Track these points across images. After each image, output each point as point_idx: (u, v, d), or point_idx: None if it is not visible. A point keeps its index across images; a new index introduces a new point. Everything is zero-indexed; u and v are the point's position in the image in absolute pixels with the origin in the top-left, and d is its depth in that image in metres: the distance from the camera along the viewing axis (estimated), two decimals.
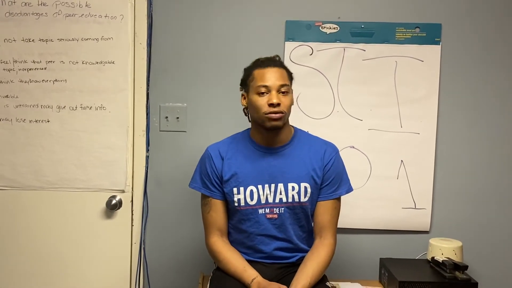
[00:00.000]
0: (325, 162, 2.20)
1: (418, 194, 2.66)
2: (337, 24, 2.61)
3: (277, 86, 2.08)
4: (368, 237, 2.70)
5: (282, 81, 2.10)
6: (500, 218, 2.69)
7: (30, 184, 2.61)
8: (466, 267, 2.37)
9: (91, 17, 2.53)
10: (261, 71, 2.12)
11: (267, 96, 2.09)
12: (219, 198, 2.21)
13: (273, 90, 2.08)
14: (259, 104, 2.09)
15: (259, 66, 2.14)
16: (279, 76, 2.10)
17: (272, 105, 2.06)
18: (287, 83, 2.12)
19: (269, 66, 2.12)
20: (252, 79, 2.14)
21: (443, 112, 2.64)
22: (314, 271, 2.10)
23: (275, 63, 2.15)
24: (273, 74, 2.10)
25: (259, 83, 2.10)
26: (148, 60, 2.61)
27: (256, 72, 2.13)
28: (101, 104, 2.57)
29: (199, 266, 2.63)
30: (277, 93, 2.08)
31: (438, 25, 2.61)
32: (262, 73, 2.11)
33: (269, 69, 2.11)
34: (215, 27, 2.63)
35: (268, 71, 2.11)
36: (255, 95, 2.11)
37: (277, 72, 2.11)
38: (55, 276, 2.65)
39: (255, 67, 2.15)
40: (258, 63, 2.17)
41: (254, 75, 2.13)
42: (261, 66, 2.13)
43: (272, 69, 2.11)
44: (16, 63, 2.56)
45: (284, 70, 2.15)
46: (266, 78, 2.09)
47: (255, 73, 2.13)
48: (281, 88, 2.09)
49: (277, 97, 2.07)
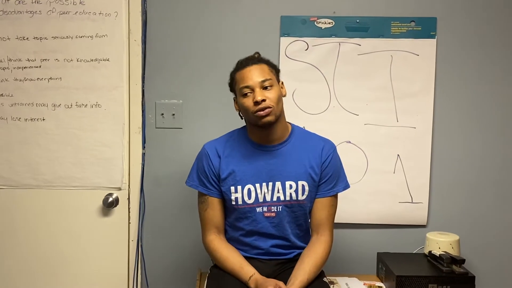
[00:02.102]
0: (323, 159, 2.20)
1: (414, 188, 2.66)
2: (332, 19, 2.60)
3: (258, 83, 2.08)
4: (365, 232, 2.70)
5: (262, 77, 2.09)
6: (496, 211, 2.70)
7: (26, 182, 2.61)
8: (463, 260, 2.38)
9: (85, 15, 2.52)
10: (241, 73, 2.12)
11: (251, 95, 2.09)
12: (216, 196, 2.21)
13: (256, 88, 2.08)
14: (246, 106, 2.09)
15: (239, 68, 2.15)
16: (258, 72, 2.10)
17: (257, 103, 2.06)
18: (268, 77, 2.11)
19: (247, 66, 2.12)
20: (235, 83, 2.15)
21: (439, 106, 2.64)
22: (311, 268, 2.10)
23: (253, 60, 2.15)
24: (252, 72, 2.10)
25: (241, 85, 2.10)
26: (143, 57, 2.61)
27: (237, 75, 2.14)
28: (96, 102, 2.56)
29: (196, 263, 2.63)
30: (261, 90, 2.08)
31: (434, 18, 2.60)
32: (242, 74, 2.12)
33: (248, 68, 2.11)
34: (210, 23, 2.62)
35: (247, 70, 2.11)
36: (241, 98, 2.11)
37: (256, 69, 2.11)
38: (53, 274, 2.65)
39: (236, 70, 2.16)
40: (238, 65, 2.18)
41: (236, 78, 2.15)
42: (241, 67, 2.14)
43: (251, 67, 2.11)
44: (10, 61, 2.55)
45: (264, 65, 2.15)
46: (247, 78, 2.09)
47: (237, 76, 2.14)
48: (263, 83, 2.09)
49: (260, 94, 2.07)
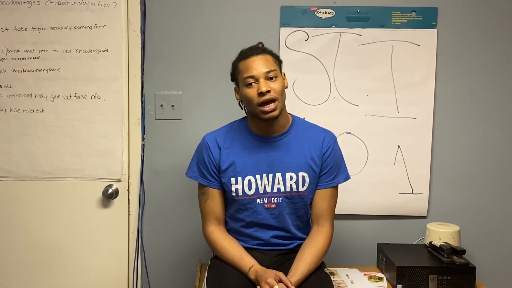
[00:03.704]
0: (323, 151, 2.19)
1: (415, 179, 2.66)
2: (332, 8, 2.58)
3: (263, 73, 2.06)
4: (365, 223, 2.70)
5: (267, 68, 2.07)
6: (497, 202, 2.69)
7: (25, 174, 2.60)
8: (464, 251, 2.38)
9: (84, 5, 2.50)
10: (245, 63, 2.10)
11: (256, 86, 2.07)
12: (216, 187, 2.20)
13: (261, 78, 2.06)
14: (250, 96, 2.07)
15: (242, 58, 2.13)
16: (263, 63, 2.08)
17: (262, 94, 2.05)
18: (273, 68, 2.09)
19: (252, 56, 2.10)
20: (239, 73, 2.13)
21: (439, 97, 2.63)
22: (312, 259, 2.10)
23: (257, 50, 2.13)
24: (257, 62, 2.08)
25: (245, 74, 2.08)
26: (142, 48, 2.59)
27: (241, 64, 2.12)
28: (95, 93, 2.55)
29: (197, 254, 2.63)
30: (265, 80, 2.06)
31: (434, 8, 2.58)
32: (247, 64, 2.09)
33: (253, 58, 2.09)
34: (210, 13, 2.60)
35: (252, 60, 2.09)
36: (245, 88, 2.09)
37: (261, 59, 2.09)
38: (53, 266, 2.65)
39: (239, 60, 2.14)
40: (241, 54, 2.15)
41: (239, 68, 2.12)
42: (244, 57, 2.12)
43: (256, 57, 2.09)
44: (9, 52, 2.54)
45: (268, 55, 2.13)
46: (251, 68, 2.07)
47: (240, 66, 2.12)
48: (268, 74, 2.07)
49: (265, 85, 2.05)
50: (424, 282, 2.31)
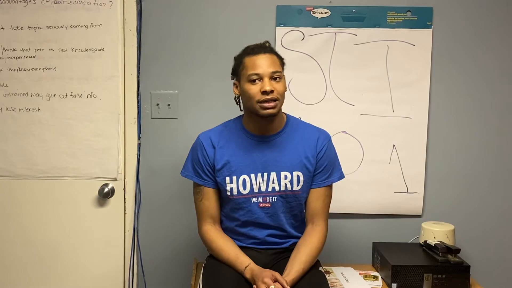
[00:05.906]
0: (318, 150, 2.19)
1: (410, 178, 2.66)
2: (328, 8, 2.59)
3: (269, 73, 2.06)
4: (360, 222, 2.71)
5: (273, 68, 2.07)
6: (491, 201, 2.71)
7: (21, 173, 2.60)
8: (459, 250, 2.39)
9: (79, 4, 2.50)
10: (251, 59, 2.08)
11: (259, 83, 2.06)
12: (211, 186, 2.20)
13: (265, 77, 2.06)
14: (252, 93, 2.07)
15: (249, 53, 2.11)
16: (270, 62, 2.08)
17: (265, 93, 2.04)
18: (279, 69, 2.10)
19: (259, 53, 2.09)
20: (243, 68, 2.10)
21: (435, 96, 2.64)
22: (307, 257, 2.11)
23: (265, 49, 2.12)
24: (264, 61, 2.07)
25: (250, 71, 2.07)
26: (138, 47, 2.59)
27: (246, 60, 2.10)
28: (91, 92, 2.55)
29: (192, 253, 2.63)
30: (270, 80, 2.06)
31: (430, 8, 2.59)
32: (253, 60, 2.08)
33: (260, 56, 2.08)
34: (206, 12, 2.60)
35: (259, 58, 2.08)
36: (247, 84, 2.08)
37: (268, 58, 2.09)
38: (48, 265, 2.65)
39: (245, 55, 2.12)
40: (248, 50, 2.13)
41: (244, 63, 2.10)
42: (251, 53, 2.10)
43: (263, 55, 2.08)
44: (4, 51, 2.54)
45: (275, 56, 2.12)
46: (257, 66, 2.06)
47: (246, 61, 2.10)
48: (273, 74, 2.07)
49: (269, 84, 2.05)
50: (419, 281, 2.32)
